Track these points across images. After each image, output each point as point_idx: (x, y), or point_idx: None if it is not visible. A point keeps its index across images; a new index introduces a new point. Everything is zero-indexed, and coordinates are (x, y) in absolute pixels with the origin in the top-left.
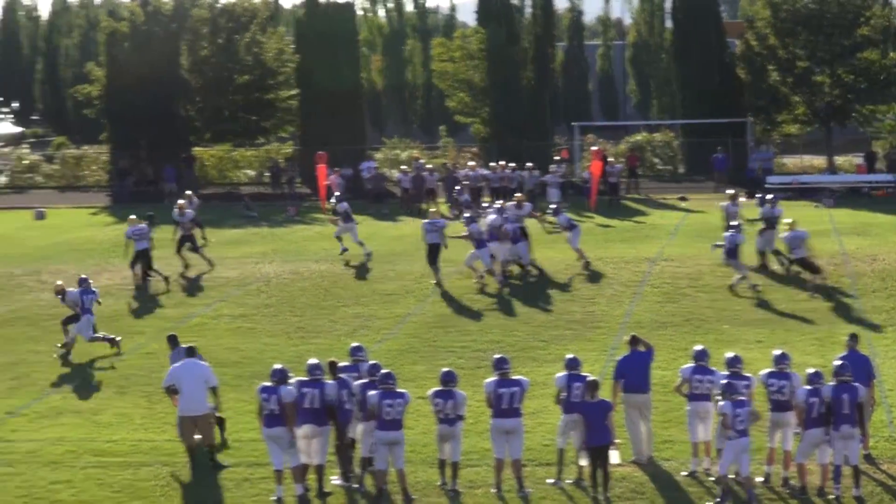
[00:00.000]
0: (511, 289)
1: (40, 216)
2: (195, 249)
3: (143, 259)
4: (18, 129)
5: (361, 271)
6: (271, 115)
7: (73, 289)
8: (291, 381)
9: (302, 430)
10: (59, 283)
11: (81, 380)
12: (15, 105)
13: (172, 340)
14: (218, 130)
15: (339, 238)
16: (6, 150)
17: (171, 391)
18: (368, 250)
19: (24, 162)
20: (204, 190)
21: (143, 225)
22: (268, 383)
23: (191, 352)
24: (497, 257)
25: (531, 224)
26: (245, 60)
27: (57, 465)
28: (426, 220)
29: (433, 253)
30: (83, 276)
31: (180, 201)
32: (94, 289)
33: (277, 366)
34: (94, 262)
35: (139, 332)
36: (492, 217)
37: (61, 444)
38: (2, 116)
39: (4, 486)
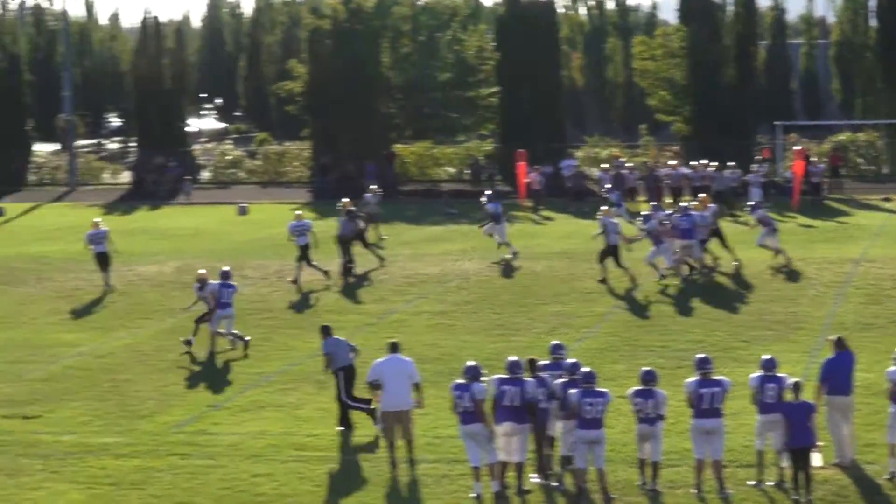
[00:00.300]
0: (711, 288)
1: (243, 211)
2: (366, 246)
3: (303, 254)
4: (222, 126)
5: (554, 270)
6: (471, 113)
7: (214, 281)
8: (492, 378)
9: (502, 428)
10: (203, 271)
11: (283, 375)
12: (218, 101)
13: (326, 330)
14: (418, 127)
15: (490, 236)
16: (210, 145)
17: (375, 386)
18: (515, 250)
19: (227, 157)
20: (404, 187)
21: (307, 221)
22: (461, 381)
23: (394, 347)
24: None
25: (727, 225)
26: (446, 58)
27: (258, 458)
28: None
29: (610, 253)
30: (225, 268)
31: (361, 198)
32: (233, 283)
33: (470, 363)
34: (293, 257)
35: (340, 327)
36: (661, 214)
37: (263, 438)
38: (205, 113)
39: (207, 478)
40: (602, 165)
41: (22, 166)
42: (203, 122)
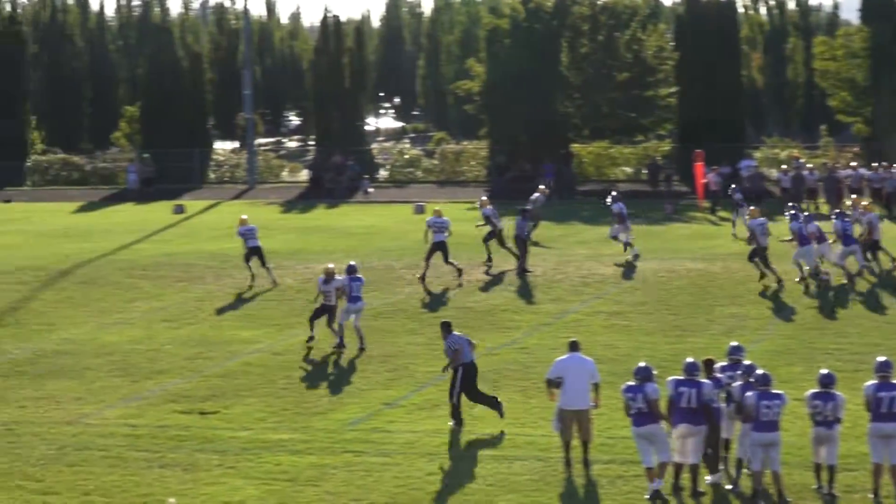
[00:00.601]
0: (891, 291)
1: (420, 210)
2: (502, 245)
3: (441, 250)
4: (399, 125)
5: (731, 271)
6: (650, 113)
7: (340, 276)
8: (668, 379)
9: (678, 430)
10: (331, 265)
11: None
12: (397, 100)
13: (446, 327)
14: (596, 127)
15: (615, 238)
16: (388, 144)
17: (554, 384)
18: (637, 252)
19: (404, 156)
20: (581, 186)
21: (445, 218)
22: (632, 382)
23: (575, 346)
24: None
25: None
26: (625, 57)
27: (433, 456)
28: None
29: (759, 254)
30: (352, 262)
31: (484, 198)
32: (360, 276)
33: (641, 364)
34: (468, 255)
35: (515, 326)
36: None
37: (437, 436)
38: (384, 112)
39: (381, 475)
40: (781, 166)
41: (203, 164)
42: (381, 121)
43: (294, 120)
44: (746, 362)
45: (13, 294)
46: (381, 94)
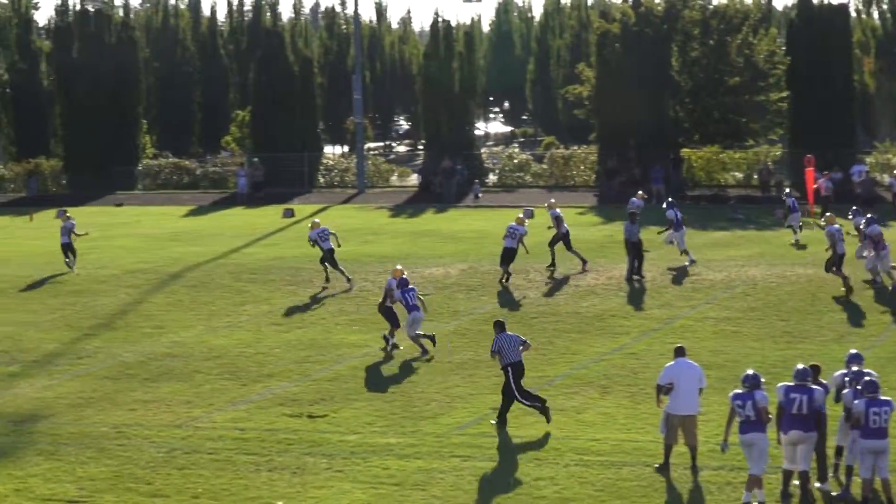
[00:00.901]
0: None
1: (529, 215)
2: (569, 249)
3: (508, 257)
4: (509, 129)
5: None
6: (761, 118)
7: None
8: (778, 385)
9: (788, 437)
10: (399, 267)
11: (566, 378)
12: (506, 105)
13: (499, 326)
14: (706, 132)
15: (670, 244)
16: (497, 148)
17: (664, 390)
18: (693, 258)
19: (513, 161)
20: (691, 191)
21: (523, 227)
22: (739, 390)
23: (681, 351)
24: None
25: None
26: (736, 62)
27: (541, 461)
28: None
29: (836, 262)
30: (404, 275)
31: (552, 200)
32: (412, 286)
33: (749, 371)
34: (579, 261)
35: (625, 332)
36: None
37: (545, 441)
38: (493, 116)
39: (488, 480)
40: (894, 172)
41: (312, 168)
42: (491, 126)
43: (403, 124)
44: (854, 368)
45: (124, 297)
46: (491, 99)
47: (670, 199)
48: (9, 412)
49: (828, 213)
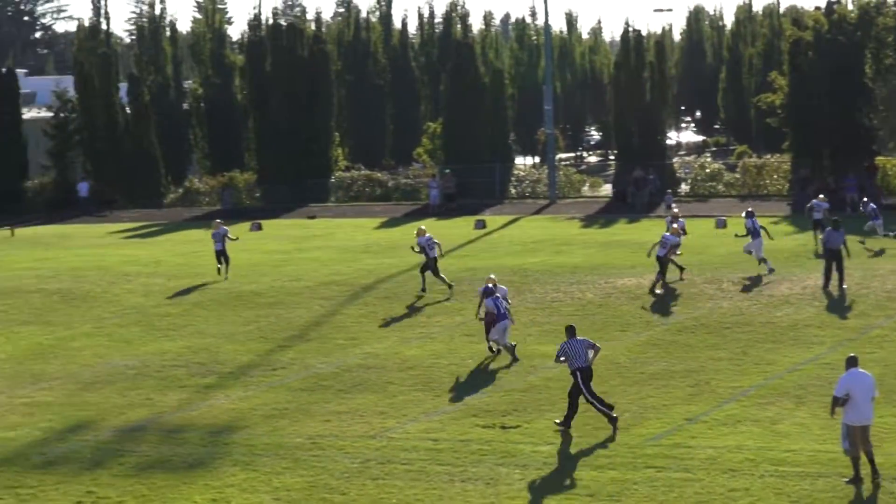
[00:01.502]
0: None
1: (721, 224)
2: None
3: (665, 266)
4: (701, 138)
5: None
6: None
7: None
8: None
9: None
10: (492, 276)
11: (760, 389)
12: (698, 114)
13: (570, 331)
14: None
15: (748, 253)
16: (689, 158)
17: (841, 401)
18: (771, 267)
19: (705, 170)
20: (886, 200)
21: (676, 237)
22: None
23: (854, 361)
24: None
25: None
26: None
27: (735, 472)
28: None
29: None
30: (489, 283)
31: (674, 210)
32: (496, 297)
33: None
34: (775, 271)
35: (819, 342)
36: None
37: (740, 452)
38: (685, 125)
39: (682, 491)
40: None
41: (504, 179)
42: (682, 135)
43: (595, 134)
44: None
45: (317, 309)
46: (682, 108)
47: (749, 209)
48: (205, 423)
49: None
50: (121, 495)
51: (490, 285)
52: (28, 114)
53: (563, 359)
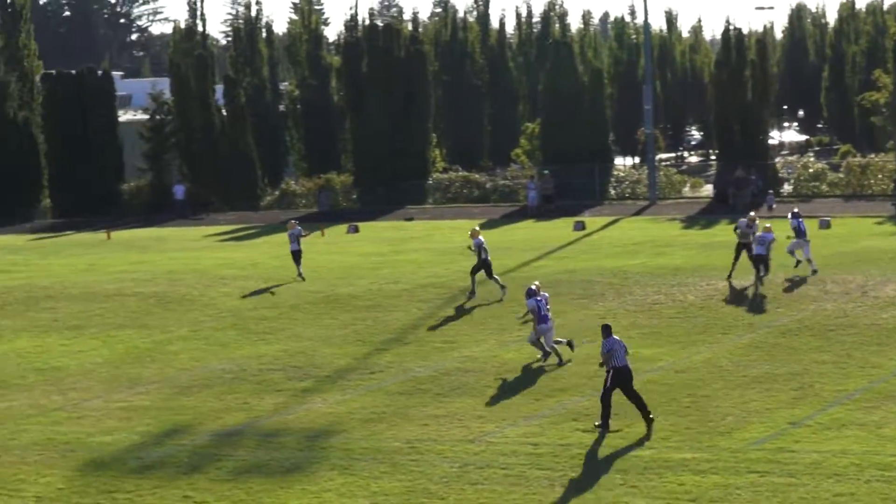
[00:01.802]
0: None
1: (825, 225)
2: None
3: (760, 263)
4: (804, 137)
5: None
6: None
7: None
8: None
9: None
10: (536, 283)
11: (866, 392)
12: (801, 113)
13: (606, 330)
14: None
15: (791, 253)
16: (792, 158)
17: None
18: (815, 268)
19: (808, 170)
20: None
21: (771, 234)
22: None
23: None
24: None
25: None
26: None
27: (840, 477)
28: None
29: None
30: (531, 285)
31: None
32: (539, 298)
33: None
34: (878, 271)
35: None
36: None
37: (845, 457)
38: (788, 125)
39: (786, 496)
40: None
41: (603, 180)
42: (785, 135)
43: (695, 134)
44: None
45: (415, 312)
46: (785, 107)
47: (795, 210)
48: (302, 427)
49: None
50: (218, 500)
51: (533, 287)
52: (124, 116)
53: (609, 355)
